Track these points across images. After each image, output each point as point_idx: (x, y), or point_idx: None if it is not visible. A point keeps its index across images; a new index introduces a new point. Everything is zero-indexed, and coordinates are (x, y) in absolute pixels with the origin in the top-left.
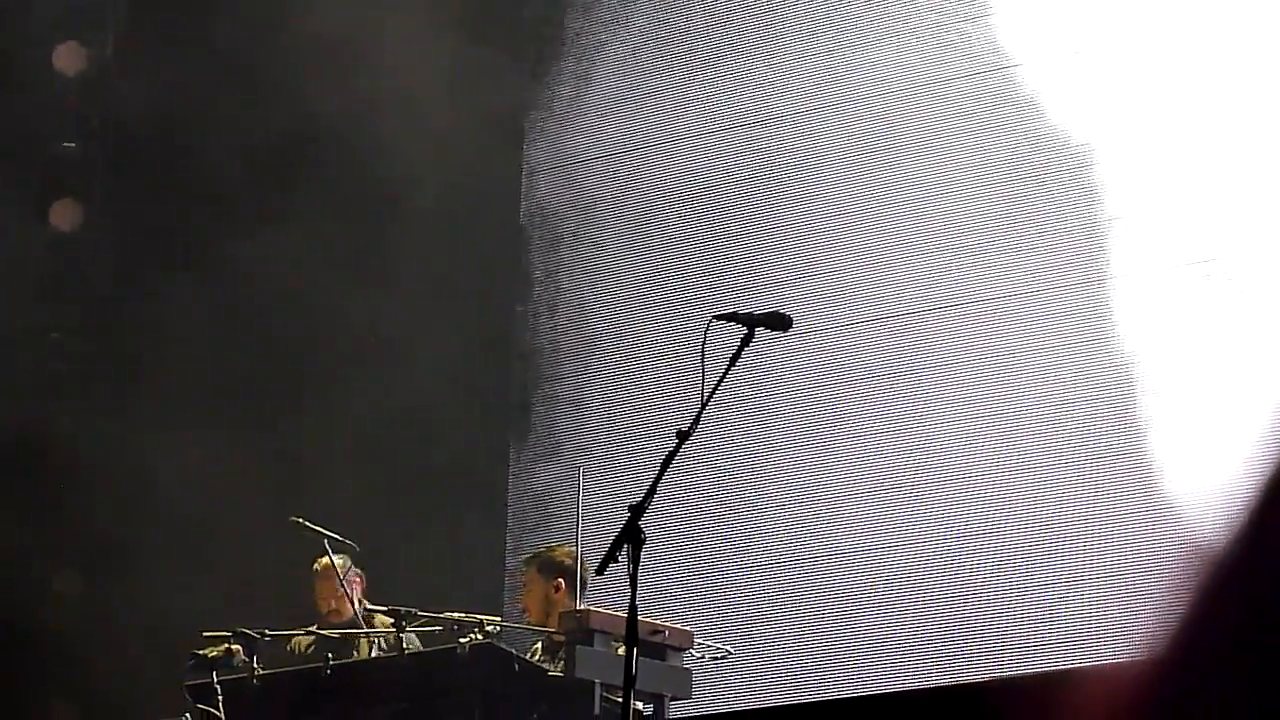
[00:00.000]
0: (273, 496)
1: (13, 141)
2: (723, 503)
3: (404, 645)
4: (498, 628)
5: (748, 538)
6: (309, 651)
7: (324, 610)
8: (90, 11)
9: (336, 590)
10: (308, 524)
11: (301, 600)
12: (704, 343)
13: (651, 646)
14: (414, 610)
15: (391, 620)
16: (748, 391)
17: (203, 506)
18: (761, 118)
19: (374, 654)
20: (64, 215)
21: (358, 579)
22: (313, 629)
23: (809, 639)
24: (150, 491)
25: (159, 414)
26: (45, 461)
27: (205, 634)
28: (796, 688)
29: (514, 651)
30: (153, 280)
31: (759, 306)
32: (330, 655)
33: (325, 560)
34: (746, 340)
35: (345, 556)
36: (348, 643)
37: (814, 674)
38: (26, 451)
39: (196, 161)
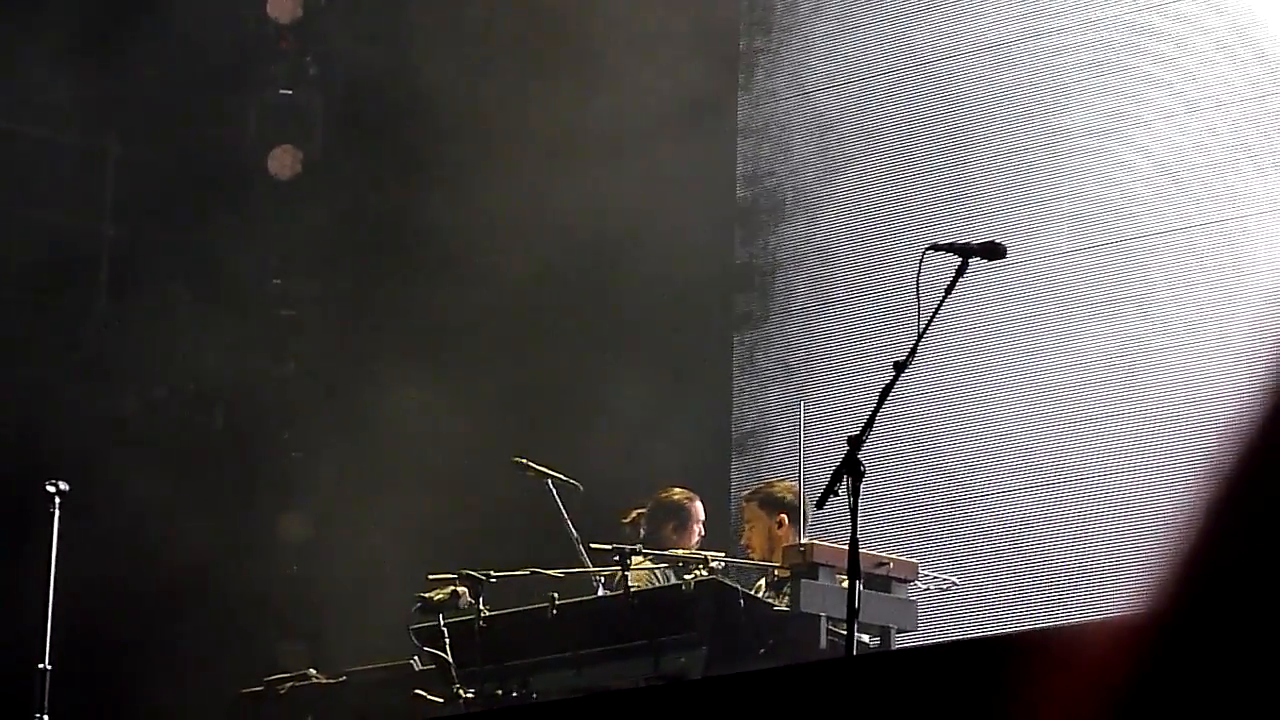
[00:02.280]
0: (496, 436)
1: (229, 89)
2: (944, 433)
3: (630, 583)
4: (723, 563)
5: (970, 467)
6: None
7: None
8: None
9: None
10: (531, 464)
11: (524, 539)
12: (919, 273)
13: (876, 579)
14: (639, 548)
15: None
16: (964, 321)
17: (426, 448)
18: (978, 45)
19: (600, 593)
20: (282, 162)
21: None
22: (536, 569)
23: (1035, 568)
24: (374, 435)
25: (383, 357)
26: (272, 406)
27: (430, 577)
28: (1022, 618)
29: (739, 587)
30: (375, 225)
31: (974, 236)
32: (555, 595)
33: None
34: (961, 270)
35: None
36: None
37: (1040, 603)
38: (253, 396)
39: (418, 105)
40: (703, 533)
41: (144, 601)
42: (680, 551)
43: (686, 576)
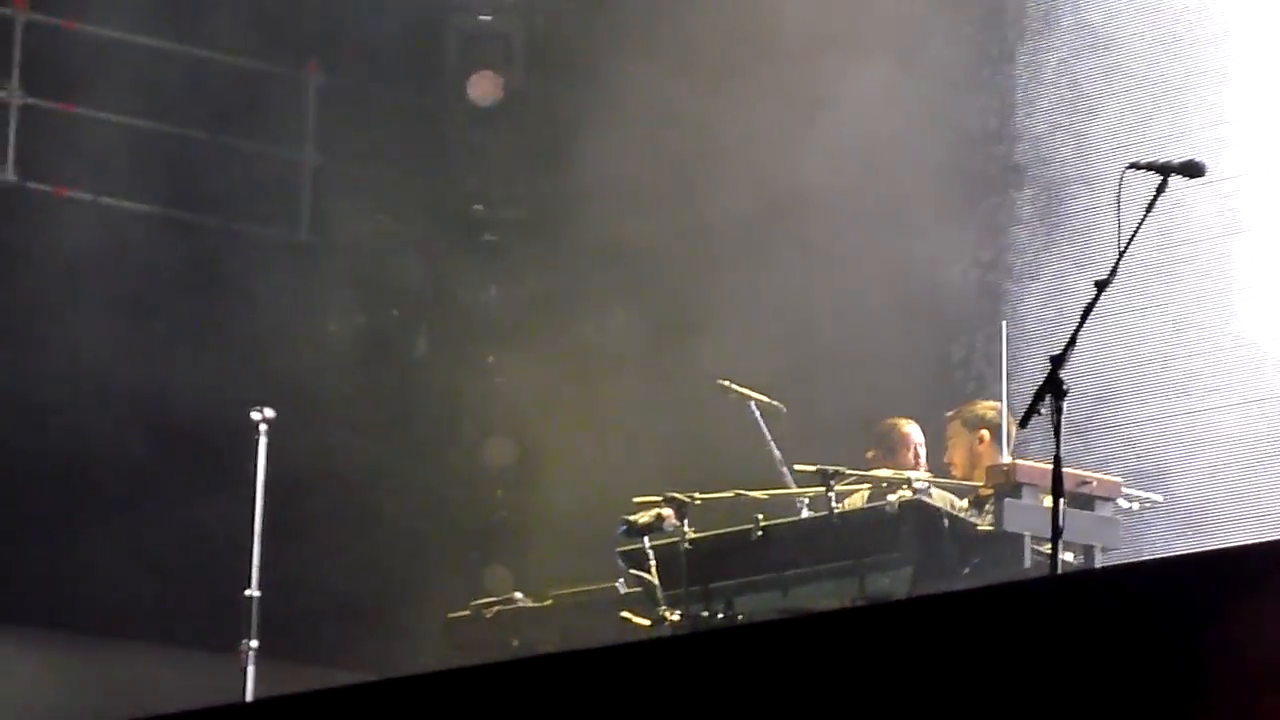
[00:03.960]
0: (700, 359)
1: (428, 17)
2: (1145, 350)
3: (835, 505)
4: (926, 484)
5: (1173, 384)
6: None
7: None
8: None
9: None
10: (735, 386)
11: (729, 461)
12: (1119, 192)
13: (1079, 497)
14: (842, 469)
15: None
16: (1164, 240)
17: (629, 371)
18: None
19: (804, 514)
20: (482, 88)
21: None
22: (740, 491)
23: (1239, 483)
24: (577, 359)
25: (584, 281)
26: (475, 331)
27: (636, 500)
28: (1226, 535)
29: (942, 507)
30: (576, 149)
31: (1174, 155)
32: (760, 517)
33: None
34: (1161, 188)
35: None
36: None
37: (1242, 521)
38: (455, 322)
39: (620, 27)
40: (919, 455)
41: (350, 527)
42: (884, 472)
43: (890, 497)
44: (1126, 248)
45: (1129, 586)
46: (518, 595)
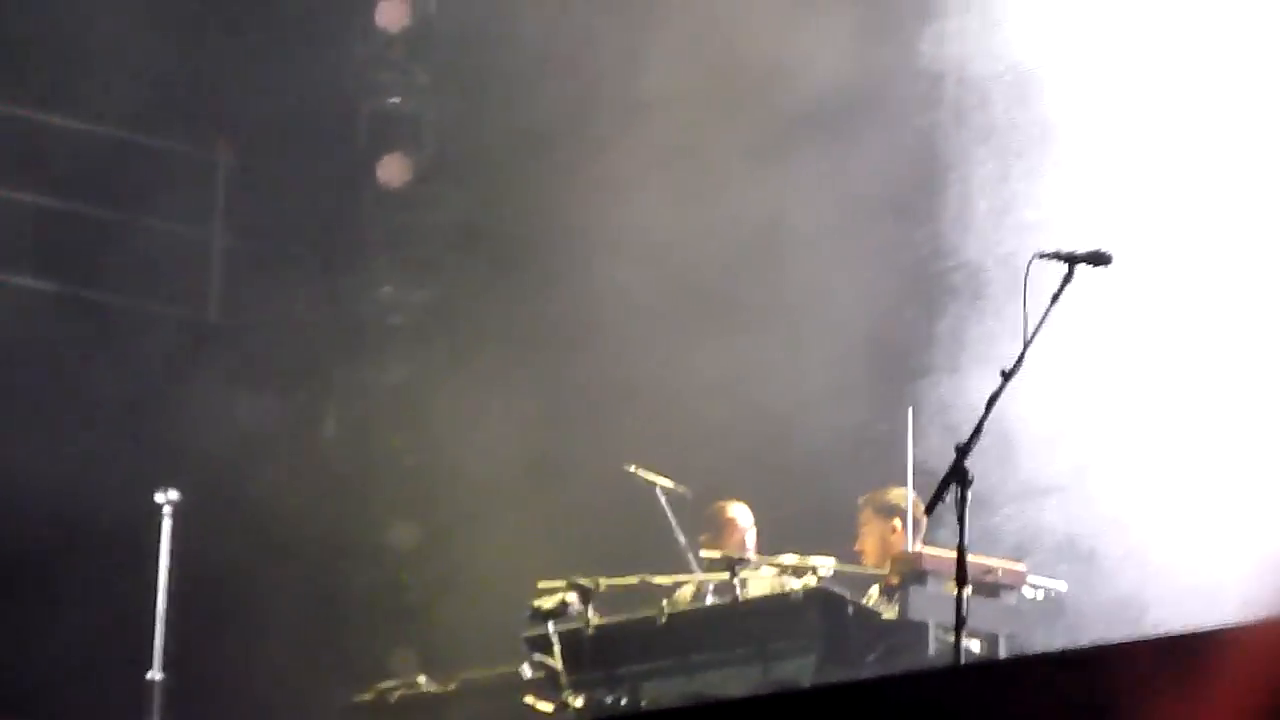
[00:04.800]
0: (605, 444)
1: (338, 99)
2: (1047, 439)
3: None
4: (831, 571)
5: (1076, 474)
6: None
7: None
8: None
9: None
10: (642, 472)
11: (632, 548)
12: (1026, 281)
13: (984, 585)
14: (746, 557)
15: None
16: (1072, 330)
17: (535, 456)
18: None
19: (709, 601)
20: (392, 170)
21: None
22: (644, 577)
23: (1146, 574)
24: (482, 442)
25: (490, 363)
26: (382, 412)
27: (540, 585)
28: (1131, 625)
29: (847, 595)
30: (484, 232)
31: (1080, 245)
32: (665, 602)
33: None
34: (1068, 278)
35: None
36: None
37: (1150, 609)
38: (363, 403)
39: (528, 112)
40: (746, 539)
41: (254, 611)
42: (789, 558)
43: (795, 585)
44: (1033, 337)
45: (1031, 675)
46: (422, 679)
